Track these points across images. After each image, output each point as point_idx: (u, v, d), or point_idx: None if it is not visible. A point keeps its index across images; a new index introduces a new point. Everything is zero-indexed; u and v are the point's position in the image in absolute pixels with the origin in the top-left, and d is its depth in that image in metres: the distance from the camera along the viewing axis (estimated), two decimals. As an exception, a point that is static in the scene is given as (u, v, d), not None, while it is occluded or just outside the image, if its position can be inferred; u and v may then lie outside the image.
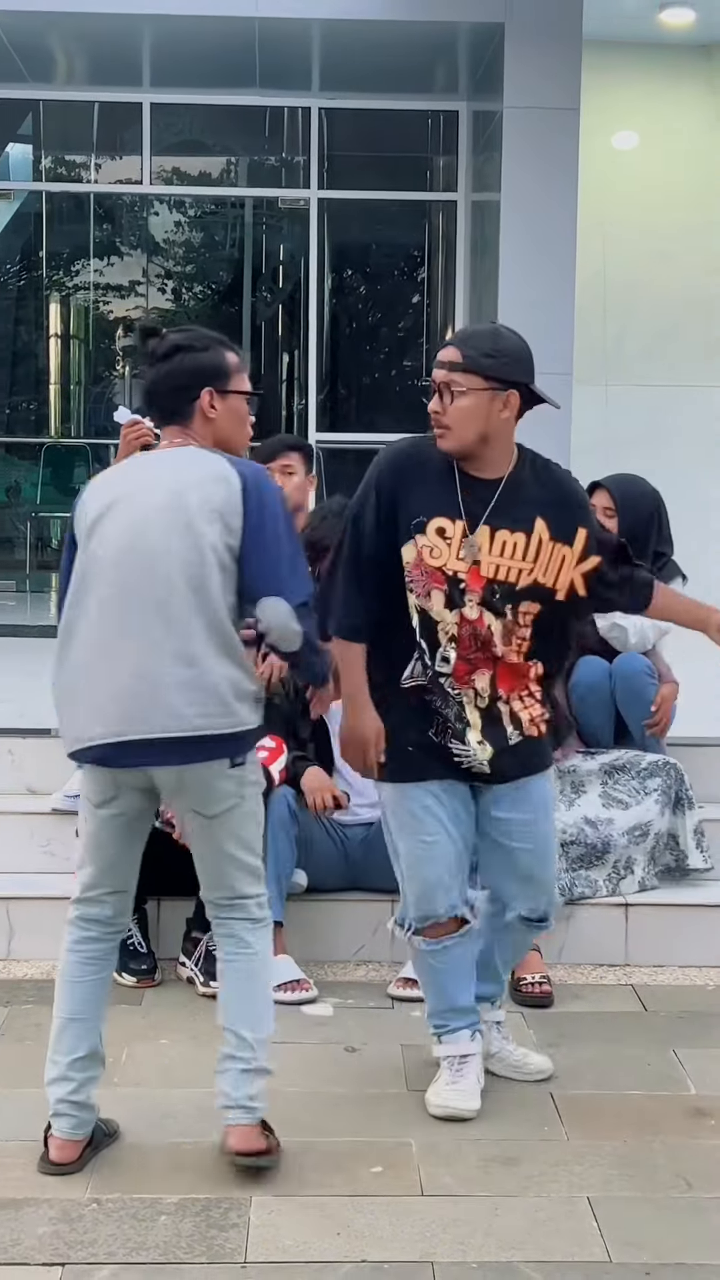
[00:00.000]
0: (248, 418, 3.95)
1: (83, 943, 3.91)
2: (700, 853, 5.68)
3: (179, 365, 3.84)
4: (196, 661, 3.64)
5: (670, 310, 11.47)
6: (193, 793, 3.75)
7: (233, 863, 3.82)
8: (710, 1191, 3.81)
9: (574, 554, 4.05)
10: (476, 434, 3.99)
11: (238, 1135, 3.81)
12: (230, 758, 3.72)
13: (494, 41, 9.77)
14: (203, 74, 10.76)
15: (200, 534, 3.65)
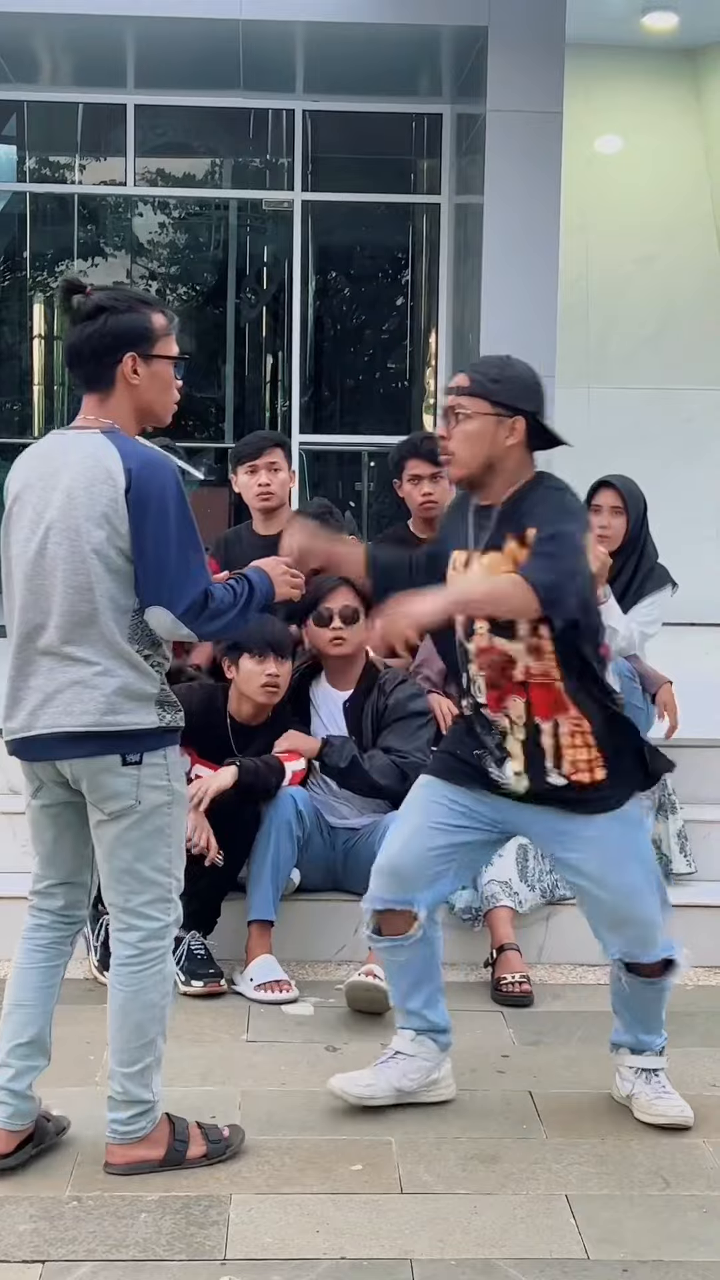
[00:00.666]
0: (173, 384, 3.83)
1: (34, 930, 3.91)
2: (684, 857, 5.71)
3: (102, 327, 3.71)
4: (84, 662, 3.64)
5: (653, 313, 11.51)
6: (89, 788, 3.72)
7: (126, 871, 3.74)
8: (687, 1189, 3.83)
9: (525, 550, 3.92)
10: (481, 460, 3.98)
11: (108, 1151, 3.84)
12: (121, 755, 3.66)
13: (477, 45, 9.79)
14: (187, 76, 10.77)
15: (86, 538, 3.61)
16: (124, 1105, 3.79)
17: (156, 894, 3.76)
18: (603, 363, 11.44)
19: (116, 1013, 3.79)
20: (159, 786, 3.72)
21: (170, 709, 3.74)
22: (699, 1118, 4.23)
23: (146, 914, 3.75)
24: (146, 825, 3.71)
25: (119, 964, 3.79)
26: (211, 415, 12.28)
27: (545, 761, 4.02)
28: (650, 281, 11.55)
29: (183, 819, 3.82)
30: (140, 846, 3.72)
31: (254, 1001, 5.06)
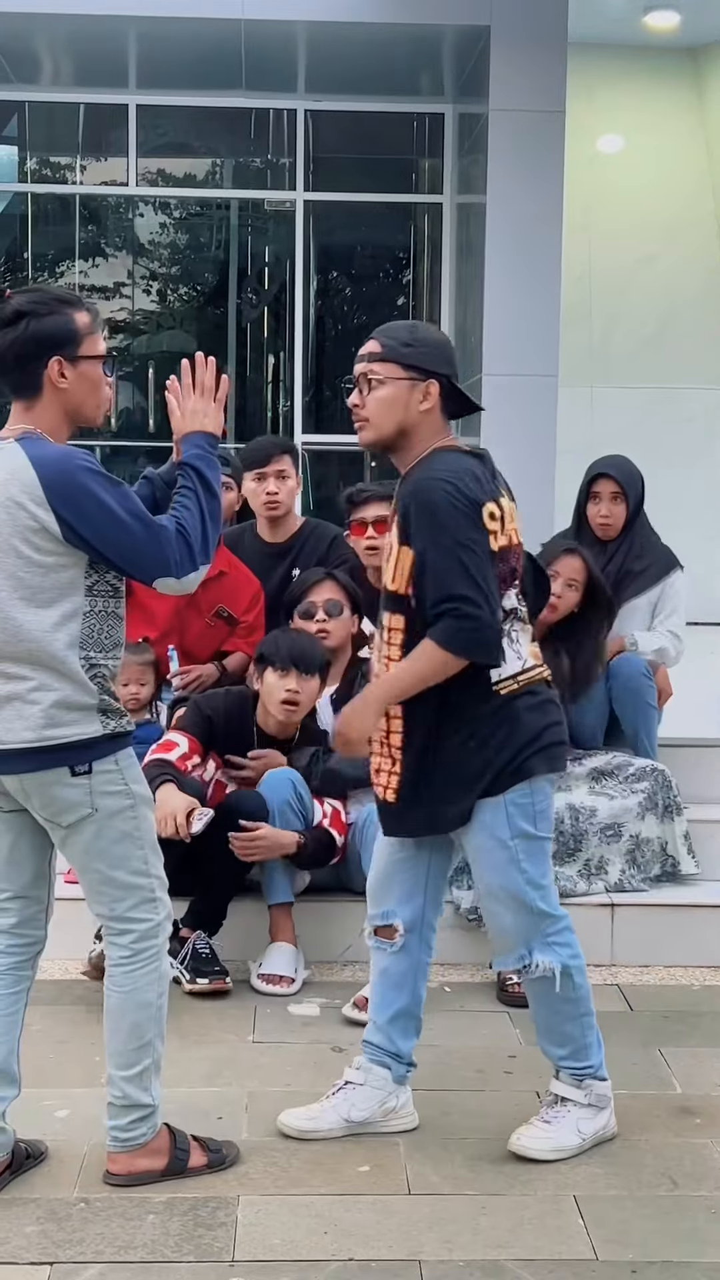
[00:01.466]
0: (102, 383, 3.72)
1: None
2: (691, 858, 5.71)
3: (23, 333, 3.59)
4: (16, 679, 3.57)
5: (656, 312, 11.51)
6: (38, 803, 3.64)
7: (105, 881, 3.69)
8: (696, 1190, 3.82)
9: (409, 558, 3.80)
10: (394, 425, 3.88)
11: (109, 1159, 3.80)
12: (68, 766, 3.58)
13: (479, 44, 9.79)
14: (189, 76, 10.77)
15: (9, 555, 3.54)
16: (123, 1110, 3.76)
17: (140, 897, 3.71)
18: (605, 362, 11.43)
19: (112, 1014, 3.75)
20: (114, 792, 3.64)
21: (115, 715, 3.63)
22: (707, 1118, 4.22)
23: (134, 917, 3.71)
24: (111, 831, 3.64)
25: (113, 965, 3.75)
26: (213, 415, 12.23)
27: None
28: (652, 281, 11.55)
29: (149, 819, 3.73)
30: (112, 854, 3.66)
31: (255, 991, 5.09)
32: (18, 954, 3.81)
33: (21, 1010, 3.83)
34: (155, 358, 12.21)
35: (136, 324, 12.39)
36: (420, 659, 3.77)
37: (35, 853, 3.79)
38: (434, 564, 3.75)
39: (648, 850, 5.67)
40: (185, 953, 5.10)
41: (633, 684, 5.85)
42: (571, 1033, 4.02)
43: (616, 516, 6.02)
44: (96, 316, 3.74)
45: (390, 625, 3.88)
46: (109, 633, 3.64)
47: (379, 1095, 4.11)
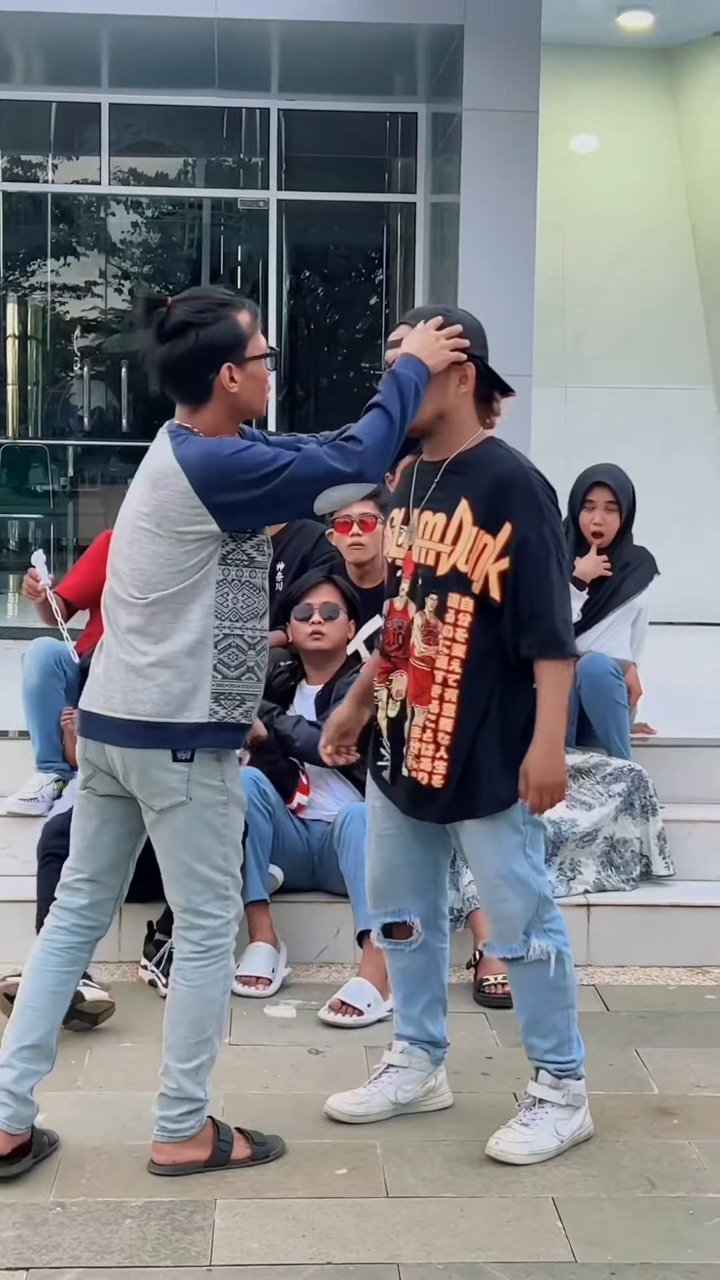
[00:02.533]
0: (268, 377, 3.79)
1: (53, 932, 3.89)
2: (663, 859, 5.71)
3: (194, 344, 3.64)
4: (145, 651, 3.67)
5: (629, 312, 11.52)
6: (137, 781, 3.72)
7: (183, 869, 3.76)
8: (673, 1191, 3.82)
9: (495, 545, 3.81)
10: (434, 409, 3.87)
11: (155, 1149, 3.85)
12: (171, 749, 3.66)
13: (453, 44, 9.78)
14: (161, 74, 10.74)
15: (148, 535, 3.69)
16: (176, 1102, 3.79)
17: (216, 892, 3.77)
18: (579, 362, 11.44)
19: (175, 1007, 3.80)
20: (211, 786, 3.72)
21: (230, 704, 3.71)
22: (684, 1119, 4.22)
23: (209, 912, 3.77)
24: (200, 823, 3.72)
25: (182, 959, 3.80)
26: (186, 415, 12.21)
27: (403, 748, 3.97)
28: (626, 280, 11.56)
29: (239, 818, 3.82)
30: (197, 846, 3.73)
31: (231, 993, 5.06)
32: (81, 934, 3.89)
33: (70, 992, 3.91)
34: (128, 357, 12.18)
35: (109, 323, 12.36)
36: (556, 685, 3.85)
37: (116, 843, 3.87)
38: (549, 588, 3.81)
39: (625, 851, 5.66)
40: (161, 957, 5.08)
41: (601, 683, 5.84)
42: (558, 1024, 4.03)
43: (610, 525, 6.03)
44: (256, 313, 3.78)
45: (456, 608, 3.84)
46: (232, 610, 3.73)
47: (421, 1076, 4.22)
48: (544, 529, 3.82)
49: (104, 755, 3.76)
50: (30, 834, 5.68)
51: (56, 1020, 3.87)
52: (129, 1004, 4.91)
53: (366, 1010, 4.87)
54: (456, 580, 3.84)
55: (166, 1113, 3.81)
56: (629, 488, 6.10)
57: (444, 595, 3.85)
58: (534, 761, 3.84)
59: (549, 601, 3.81)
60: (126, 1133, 4.04)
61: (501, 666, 3.87)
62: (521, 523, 3.80)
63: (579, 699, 5.88)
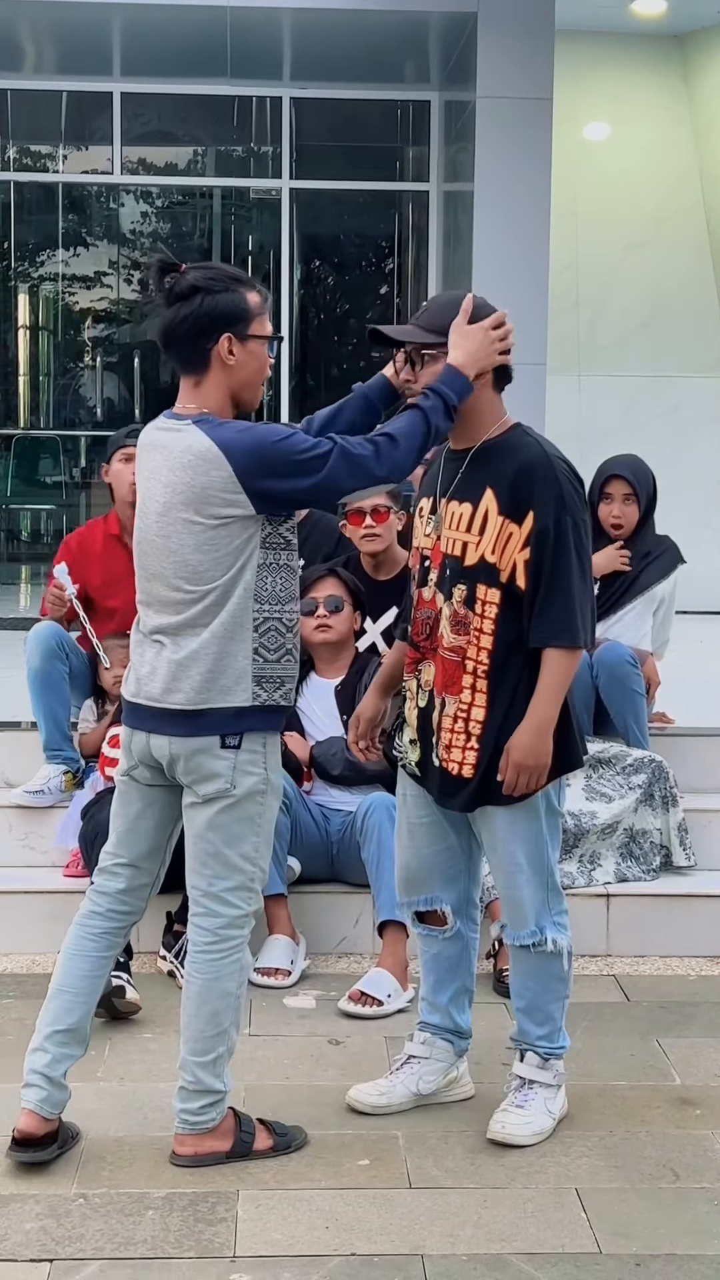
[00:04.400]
0: (267, 363, 3.79)
1: (89, 917, 3.89)
2: (683, 850, 5.69)
3: (198, 308, 3.66)
4: (188, 641, 3.68)
5: (644, 300, 11.48)
6: (184, 768, 3.71)
7: (212, 852, 3.75)
8: (697, 1181, 3.81)
9: (520, 535, 3.80)
10: None
11: (176, 1141, 3.84)
12: (220, 735, 3.67)
13: (466, 31, 9.75)
14: (173, 63, 10.71)
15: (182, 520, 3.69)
16: (195, 1095, 3.79)
17: (240, 881, 3.76)
18: (592, 350, 11.40)
19: (192, 999, 3.79)
20: (254, 774, 3.72)
21: (271, 686, 3.72)
22: (707, 1109, 4.21)
23: (229, 900, 3.76)
24: (238, 810, 3.72)
25: (196, 950, 3.79)
26: (197, 404, 12.20)
27: (432, 738, 3.96)
28: (640, 268, 11.52)
29: (274, 809, 3.80)
30: (230, 832, 3.73)
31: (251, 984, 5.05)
32: (117, 920, 3.89)
33: (104, 977, 3.93)
34: (139, 347, 12.16)
35: (119, 313, 12.35)
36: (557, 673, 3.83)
37: (157, 829, 3.87)
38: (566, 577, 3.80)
39: (645, 842, 5.64)
40: (180, 948, 5.07)
41: (619, 673, 5.81)
42: (554, 1013, 4.09)
43: (629, 517, 6.00)
44: (267, 298, 3.80)
45: (483, 599, 3.84)
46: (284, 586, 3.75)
47: (443, 1067, 4.22)
48: (565, 518, 3.81)
49: (148, 746, 3.75)
50: (46, 825, 5.69)
51: (91, 1005, 3.88)
52: (149, 995, 4.91)
53: (386, 1001, 4.86)
54: (485, 571, 3.83)
55: (186, 1105, 3.81)
56: (648, 478, 6.07)
57: (472, 585, 3.84)
58: (518, 742, 3.84)
59: (563, 591, 3.80)
60: (148, 1124, 4.04)
61: (526, 657, 3.86)
62: (542, 512, 3.80)
63: (595, 688, 5.86)
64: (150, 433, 3.83)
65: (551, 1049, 4.08)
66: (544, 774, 3.87)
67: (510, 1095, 4.07)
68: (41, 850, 5.70)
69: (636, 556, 6.02)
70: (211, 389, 3.73)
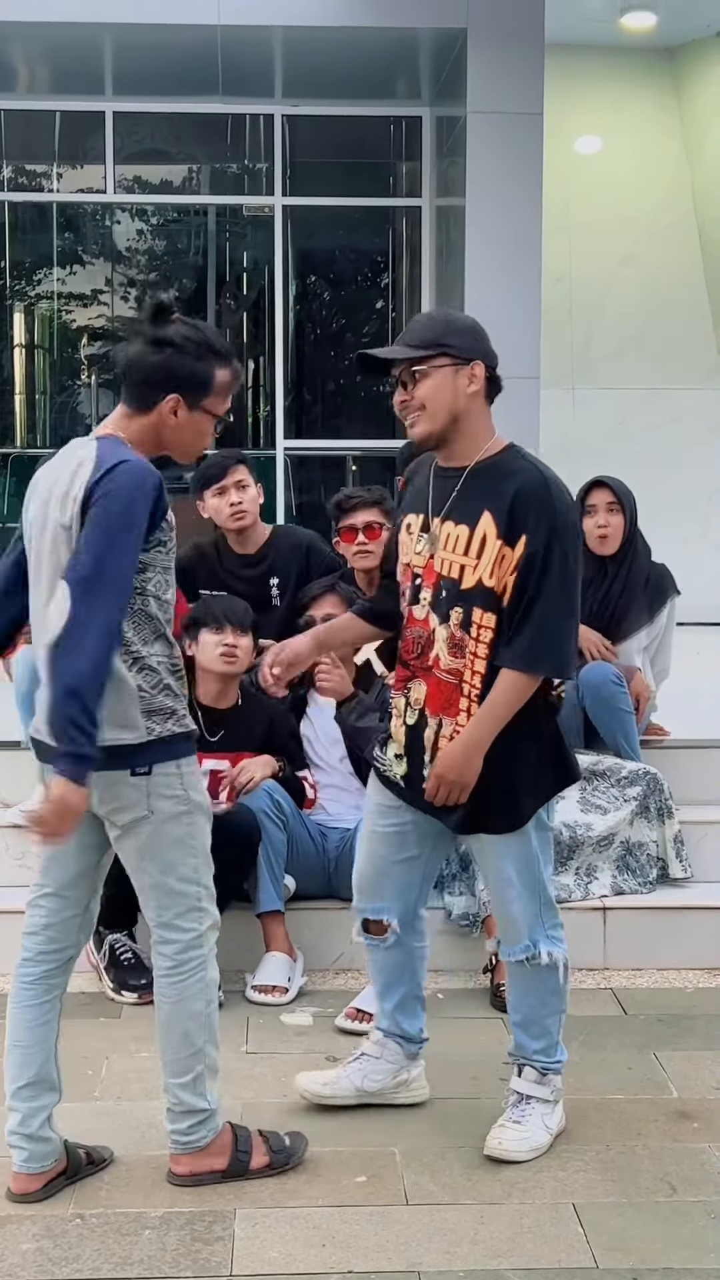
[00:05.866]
0: (208, 437, 3.76)
1: (23, 965, 3.81)
2: (680, 862, 5.69)
3: (164, 360, 3.63)
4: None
5: (636, 312, 11.50)
6: (98, 798, 3.61)
7: (151, 883, 3.70)
8: (694, 1195, 3.80)
9: (513, 557, 3.78)
10: (447, 413, 3.84)
11: (172, 1161, 3.83)
12: (128, 768, 3.60)
13: (456, 47, 9.78)
14: (165, 82, 10.74)
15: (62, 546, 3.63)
16: (182, 1115, 3.78)
17: (186, 905, 3.72)
18: (587, 363, 11.42)
19: (162, 1024, 3.77)
20: (173, 798, 3.65)
21: (160, 718, 3.63)
22: (704, 1122, 4.21)
23: (180, 926, 3.72)
24: (165, 836, 3.65)
25: (159, 975, 3.76)
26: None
27: (424, 755, 3.95)
28: (633, 281, 11.54)
29: (205, 827, 3.73)
30: (163, 859, 3.67)
31: (248, 1001, 5.07)
32: (48, 962, 3.80)
33: (56, 1018, 3.83)
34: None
35: (115, 331, 12.35)
36: (505, 696, 3.81)
37: (81, 852, 3.76)
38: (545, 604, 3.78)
39: (642, 854, 5.64)
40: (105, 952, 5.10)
41: (603, 692, 5.80)
42: (550, 1027, 4.10)
43: (615, 527, 5.99)
44: (238, 378, 3.76)
45: (479, 623, 3.83)
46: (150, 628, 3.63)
47: (392, 1068, 4.27)
48: (554, 545, 3.77)
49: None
50: (44, 844, 5.67)
51: (49, 1050, 3.79)
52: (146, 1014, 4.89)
53: (383, 1017, 4.86)
54: (482, 594, 3.82)
55: (175, 1126, 3.80)
56: (630, 496, 6.07)
57: (469, 609, 3.83)
58: (446, 752, 3.87)
59: (538, 618, 3.78)
60: (145, 1143, 4.03)
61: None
62: (534, 536, 3.77)
63: (581, 705, 5.85)
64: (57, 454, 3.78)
65: (549, 1063, 4.10)
66: (466, 790, 3.87)
67: (508, 1111, 4.08)
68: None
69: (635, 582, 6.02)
70: (143, 429, 3.69)
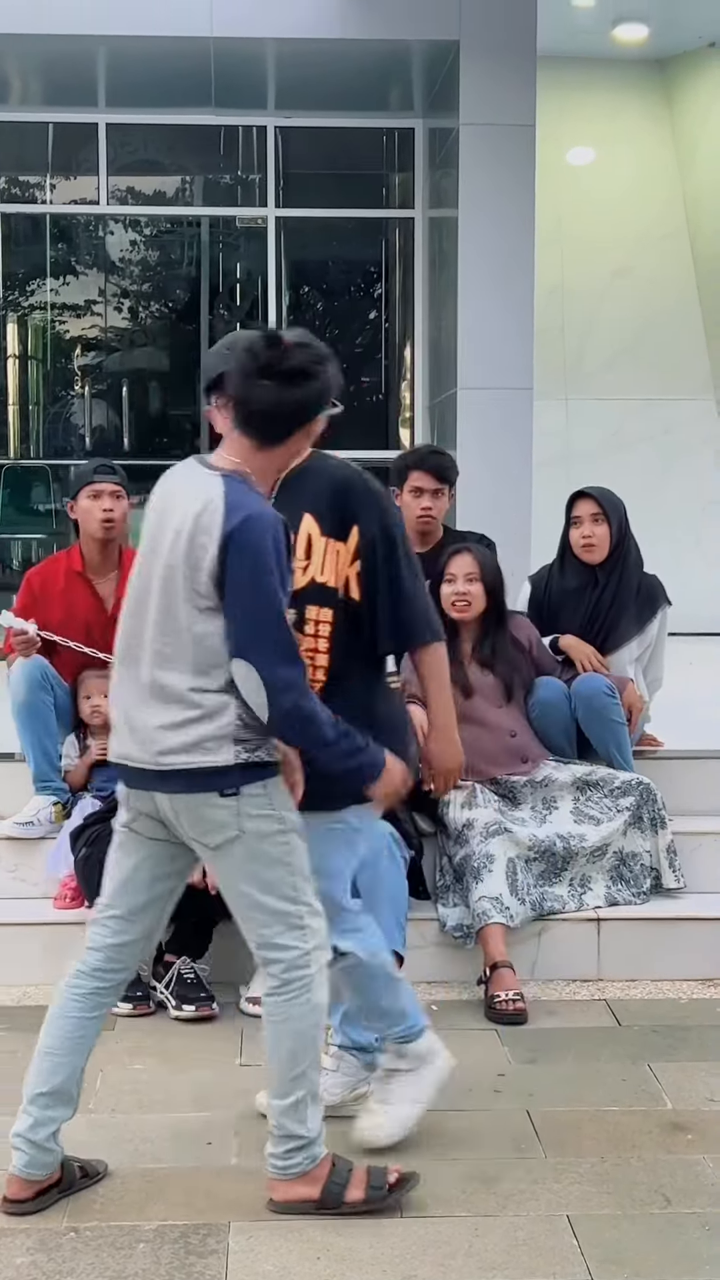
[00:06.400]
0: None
1: (77, 975, 3.79)
2: (673, 872, 5.69)
3: (305, 393, 3.64)
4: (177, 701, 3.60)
5: (629, 323, 11.53)
6: (188, 822, 3.64)
7: (248, 903, 3.67)
8: (689, 1207, 3.80)
9: (348, 550, 3.87)
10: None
11: (269, 1185, 3.77)
12: (216, 790, 3.59)
13: (449, 59, 9.80)
14: (158, 94, 10.76)
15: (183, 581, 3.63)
16: (280, 1140, 3.71)
17: (287, 923, 3.66)
18: (580, 374, 11.44)
19: (270, 1044, 3.72)
20: (266, 816, 3.62)
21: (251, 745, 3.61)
22: (698, 1134, 4.21)
23: (282, 944, 3.67)
24: (261, 855, 3.62)
25: (266, 995, 3.73)
26: (187, 432, 12.25)
27: None
28: (626, 293, 11.57)
29: (301, 845, 3.69)
30: (260, 878, 3.64)
31: (243, 1014, 5.07)
32: (103, 979, 3.79)
33: (93, 1037, 3.82)
34: (128, 375, 12.19)
35: (109, 342, 12.37)
36: (437, 672, 4.02)
37: (153, 883, 3.78)
38: (406, 580, 3.89)
39: (635, 865, 5.65)
40: (170, 978, 5.08)
41: (595, 704, 5.81)
42: (388, 1006, 4.07)
43: (600, 537, 6.00)
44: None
45: (315, 619, 3.87)
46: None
47: (349, 1082, 4.25)
48: (389, 526, 3.90)
49: (152, 801, 3.68)
50: (37, 856, 5.69)
51: (78, 1066, 3.79)
52: (140, 1026, 4.91)
53: (378, 1029, 4.86)
54: (315, 592, 3.87)
55: (273, 1150, 3.73)
56: (617, 504, 6.07)
57: (301, 608, 3.85)
58: (433, 750, 4.08)
59: (407, 593, 3.89)
60: (139, 1156, 4.03)
61: (362, 669, 3.93)
62: (366, 524, 3.87)
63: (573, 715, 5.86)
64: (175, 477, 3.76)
65: (404, 1032, 4.07)
66: (459, 771, 4.12)
67: (374, 1090, 4.12)
68: (32, 882, 5.70)
69: (625, 592, 6.02)
70: (270, 459, 3.71)
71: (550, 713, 5.77)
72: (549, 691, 5.77)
